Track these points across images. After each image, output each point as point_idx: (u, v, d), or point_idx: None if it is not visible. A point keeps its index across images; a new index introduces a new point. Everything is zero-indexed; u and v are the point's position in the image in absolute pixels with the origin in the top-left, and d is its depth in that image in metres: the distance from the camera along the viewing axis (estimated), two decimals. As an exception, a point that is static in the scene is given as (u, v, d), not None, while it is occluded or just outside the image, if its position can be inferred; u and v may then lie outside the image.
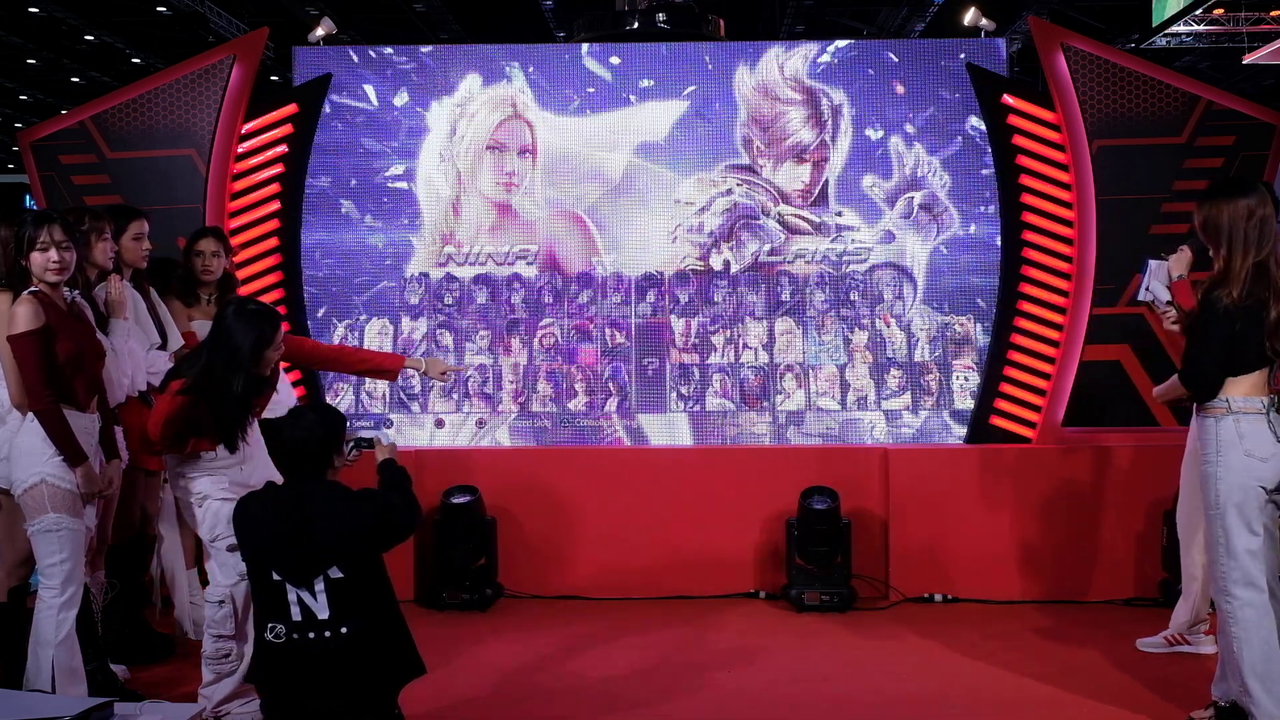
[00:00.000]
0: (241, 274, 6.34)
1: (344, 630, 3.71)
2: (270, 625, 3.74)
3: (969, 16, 6.71)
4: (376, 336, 6.74)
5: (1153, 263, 4.60)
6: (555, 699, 4.76)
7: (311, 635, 3.71)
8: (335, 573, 3.71)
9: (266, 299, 6.06)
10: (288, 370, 5.93)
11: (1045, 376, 6.25)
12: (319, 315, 6.69)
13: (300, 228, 6.57)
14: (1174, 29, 16.55)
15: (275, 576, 3.73)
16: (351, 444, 4.10)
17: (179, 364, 4.51)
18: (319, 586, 3.71)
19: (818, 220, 6.77)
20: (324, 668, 3.71)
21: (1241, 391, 4.03)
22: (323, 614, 3.71)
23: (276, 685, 3.79)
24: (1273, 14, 16.68)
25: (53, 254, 4.13)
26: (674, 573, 6.14)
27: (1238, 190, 4.11)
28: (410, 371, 5.23)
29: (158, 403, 4.38)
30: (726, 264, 6.78)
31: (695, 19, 8.56)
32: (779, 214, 6.78)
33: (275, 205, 6.48)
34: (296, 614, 3.72)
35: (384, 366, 5.20)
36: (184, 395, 4.20)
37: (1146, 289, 4.55)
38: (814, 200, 6.76)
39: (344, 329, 6.72)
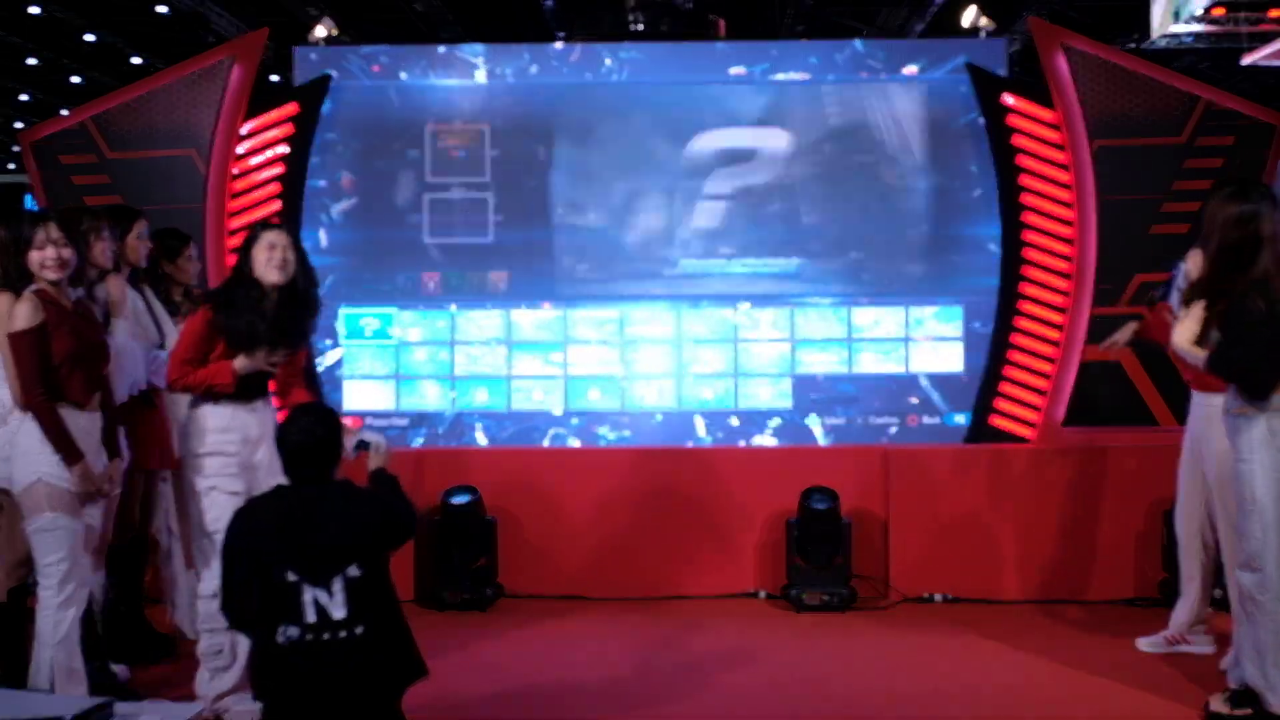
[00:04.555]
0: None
1: (359, 630, 3.69)
2: (281, 629, 3.69)
3: (969, 16, 6.72)
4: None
5: (1181, 267, 4.69)
6: (555, 699, 4.76)
7: (327, 636, 3.67)
8: (354, 570, 3.68)
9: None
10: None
11: (1045, 376, 6.25)
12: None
13: (300, 228, 6.56)
14: (1174, 29, 16.55)
15: (291, 577, 3.68)
16: (355, 442, 4.11)
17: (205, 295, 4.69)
18: (337, 586, 3.68)
19: (818, 218, 6.78)
20: (339, 668, 3.68)
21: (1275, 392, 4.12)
22: (339, 613, 3.67)
23: (286, 689, 3.75)
24: (1273, 14, 16.67)
25: (49, 251, 4.14)
26: (674, 573, 6.15)
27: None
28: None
29: (184, 328, 4.48)
30: (727, 264, 6.79)
31: (695, 19, 8.57)
32: (778, 213, 6.78)
33: (275, 205, 6.49)
34: (311, 615, 3.68)
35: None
36: (210, 308, 4.38)
37: (1177, 291, 4.60)
38: (814, 199, 6.77)
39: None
